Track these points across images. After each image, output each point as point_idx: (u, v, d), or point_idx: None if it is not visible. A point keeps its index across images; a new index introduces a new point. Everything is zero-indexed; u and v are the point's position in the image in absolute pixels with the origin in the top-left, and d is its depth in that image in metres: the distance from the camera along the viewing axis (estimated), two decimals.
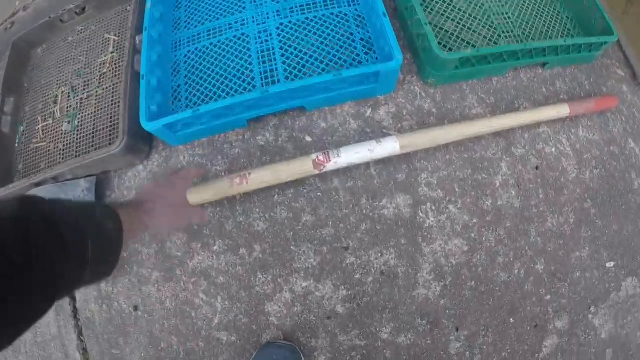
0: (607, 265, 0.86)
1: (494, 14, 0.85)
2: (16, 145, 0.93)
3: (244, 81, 0.76)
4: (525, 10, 0.89)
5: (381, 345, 0.71)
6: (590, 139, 0.87)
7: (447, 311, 0.72)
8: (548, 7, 0.92)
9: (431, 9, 0.82)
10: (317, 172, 0.63)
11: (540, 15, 0.90)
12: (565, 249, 0.80)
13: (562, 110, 0.77)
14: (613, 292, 0.86)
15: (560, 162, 0.81)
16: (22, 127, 0.94)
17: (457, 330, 0.73)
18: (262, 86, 0.74)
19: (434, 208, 0.73)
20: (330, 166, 0.63)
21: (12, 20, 1.22)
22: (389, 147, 0.64)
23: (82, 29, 1.00)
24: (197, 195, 0.62)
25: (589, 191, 0.84)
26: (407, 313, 0.71)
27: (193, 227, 0.75)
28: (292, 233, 0.73)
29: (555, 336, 0.79)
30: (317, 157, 0.63)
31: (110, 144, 0.79)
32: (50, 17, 0.98)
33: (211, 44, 0.83)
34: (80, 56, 0.95)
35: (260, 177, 0.62)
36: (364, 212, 0.72)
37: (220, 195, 0.63)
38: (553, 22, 0.91)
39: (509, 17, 0.86)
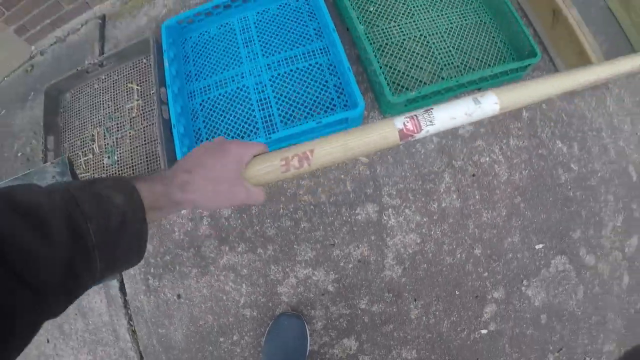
0: (537, 247, 1.11)
1: (437, 50, 1.07)
2: None
3: (249, 125, 1.01)
4: (464, 41, 1.10)
5: (360, 313, 0.99)
6: (520, 146, 1.10)
7: (407, 287, 0.99)
8: (484, 35, 1.12)
9: (386, 53, 1.05)
10: (401, 143, 0.51)
11: (478, 44, 1.10)
12: (498, 237, 1.05)
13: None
14: (543, 269, 1.10)
15: (493, 168, 1.06)
16: None
17: (415, 300, 1.00)
18: (264, 129, 0.99)
19: (394, 212, 0.99)
20: (421, 135, 0.50)
21: (31, 64, 1.47)
22: (489, 109, 0.52)
23: (105, 78, 1.23)
24: (252, 172, 0.50)
25: (518, 189, 1.08)
26: (378, 289, 0.99)
27: (248, 209, 0.99)
28: (294, 236, 1.00)
29: (493, 304, 1.04)
30: (405, 125, 0.49)
31: (150, 173, 1.06)
32: (77, 70, 1.21)
33: (220, 94, 1.07)
34: (108, 101, 1.19)
35: (327, 155, 0.49)
36: (344, 218, 0.99)
37: (275, 179, 0.51)
38: (489, 47, 1.12)
39: (449, 51, 1.08)
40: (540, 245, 1.11)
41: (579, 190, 1.18)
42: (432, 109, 0.51)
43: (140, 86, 1.14)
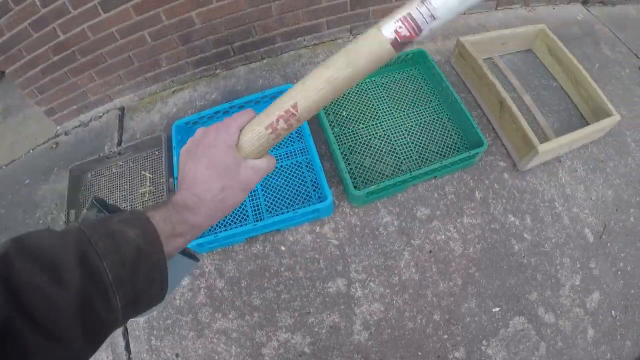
0: (493, 310, 1.25)
1: (398, 146, 1.28)
2: None
3: (241, 212, 1.22)
4: (423, 136, 1.31)
5: None
6: (473, 223, 1.28)
7: (374, 349, 1.15)
8: (440, 130, 1.34)
9: (355, 151, 1.27)
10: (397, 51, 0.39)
11: (434, 137, 1.31)
12: (456, 303, 1.21)
13: None
14: (502, 329, 1.23)
15: (448, 244, 1.23)
16: None
17: None
18: (253, 216, 1.20)
19: (360, 285, 1.17)
20: (423, 36, 0.39)
21: (56, 141, 1.72)
22: None
23: (122, 164, 1.46)
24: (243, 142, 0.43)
25: (472, 260, 1.25)
26: (348, 351, 1.15)
27: (237, 282, 1.21)
28: (276, 305, 1.18)
29: None
30: (398, 32, 0.37)
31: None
32: (99, 155, 1.44)
33: None
34: (124, 185, 1.42)
35: (313, 103, 0.41)
36: (318, 290, 1.17)
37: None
38: (445, 140, 1.32)
39: (409, 146, 1.29)
40: (497, 309, 1.25)
41: (533, 256, 1.33)
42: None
43: (152, 174, 1.38)
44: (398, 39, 0.37)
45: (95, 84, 1.58)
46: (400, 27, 0.37)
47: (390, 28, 0.38)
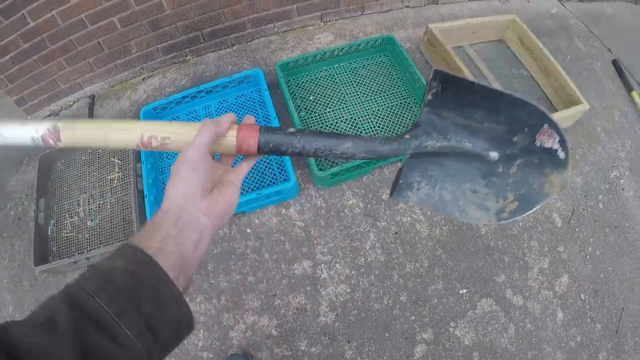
0: (461, 291, 1.26)
1: (365, 129, 1.30)
2: (49, 234, 1.34)
3: None
4: (390, 120, 1.32)
5: (301, 354, 1.15)
6: None
7: (340, 330, 1.16)
8: (408, 113, 1.35)
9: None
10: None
11: (401, 120, 1.32)
12: (422, 284, 1.22)
13: None
14: (470, 311, 1.24)
15: (414, 227, 1.24)
16: (52, 221, 1.36)
17: (349, 342, 1.16)
18: None
19: (326, 267, 1.17)
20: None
21: None
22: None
23: (92, 151, 1.44)
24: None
25: (439, 242, 1.26)
26: (315, 332, 1.15)
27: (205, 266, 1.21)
28: (242, 288, 1.18)
29: (423, 344, 1.18)
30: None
31: (125, 237, 1.26)
32: None
33: None
34: (93, 172, 1.41)
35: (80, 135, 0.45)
36: (284, 272, 1.17)
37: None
38: (411, 123, 1.33)
39: (376, 129, 1.30)
40: (464, 290, 1.27)
41: (501, 239, 1.35)
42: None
43: (121, 160, 1.38)
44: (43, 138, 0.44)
45: (65, 72, 1.57)
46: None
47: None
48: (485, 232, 1.33)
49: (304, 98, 1.30)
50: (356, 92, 1.34)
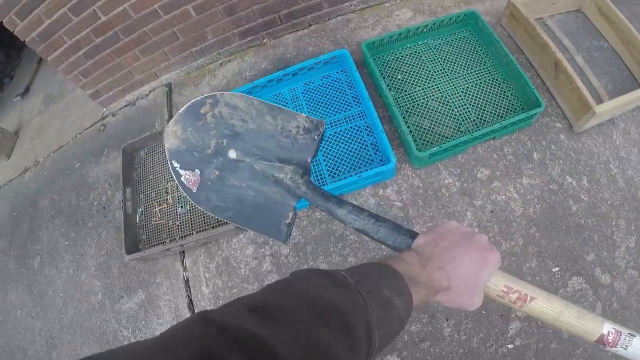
0: (553, 270, 1.25)
1: (456, 107, 1.27)
2: (137, 222, 1.38)
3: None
4: (479, 97, 1.29)
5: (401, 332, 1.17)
6: (532, 184, 1.27)
7: (439, 308, 1.17)
8: (496, 90, 1.32)
9: (413, 113, 1.26)
10: (593, 343, 0.49)
11: (491, 99, 1.30)
12: (517, 263, 1.21)
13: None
14: (561, 289, 1.24)
15: (509, 205, 1.23)
16: (140, 209, 1.40)
17: (447, 320, 1.17)
18: (316, 182, 1.21)
19: None
20: (611, 349, 0.48)
21: (103, 123, 1.73)
22: None
23: None
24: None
25: (533, 221, 1.25)
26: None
27: (303, 247, 1.23)
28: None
29: (517, 321, 1.18)
30: (609, 333, 0.47)
31: (218, 222, 1.28)
32: (152, 132, 1.46)
33: None
34: None
35: (539, 312, 0.50)
36: (385, 253, 1.18)
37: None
38: (501, 101, 1.31)
39: (467, 107, 1.28)
40: (557, 268, 1.26)
41: (590, 217, 1.32)
42: (635, 336, 0.47)
43: None
44: (603, 337, 0.47)
45: (140, 63, 1.58)
46: (612, 333, 0.47)
47: (608, 328, 0.48)
48: (575, 210, 1.30)
49: (391, 77, 1.28)
50: (443, 69, 1.31)
